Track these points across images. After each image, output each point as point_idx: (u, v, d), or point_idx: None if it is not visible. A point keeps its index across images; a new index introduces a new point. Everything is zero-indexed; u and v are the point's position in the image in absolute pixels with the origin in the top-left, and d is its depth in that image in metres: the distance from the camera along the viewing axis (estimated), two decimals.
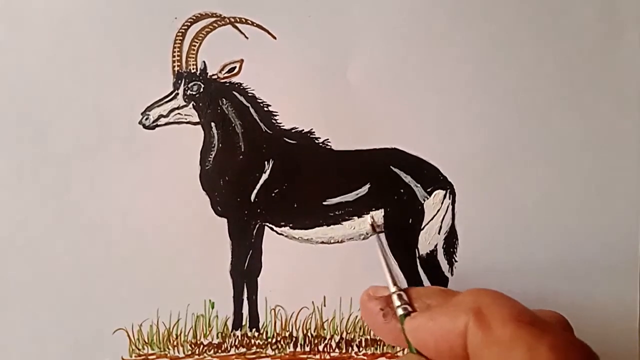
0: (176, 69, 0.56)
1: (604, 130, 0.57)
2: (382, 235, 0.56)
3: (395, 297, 0.46)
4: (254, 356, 0.57)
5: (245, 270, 0.57)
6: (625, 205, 0.58)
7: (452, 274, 0.57)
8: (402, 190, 0.57)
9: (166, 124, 0.56)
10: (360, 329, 0.57)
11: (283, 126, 0.57)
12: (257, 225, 0.57)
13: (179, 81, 0.56)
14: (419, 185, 0.57)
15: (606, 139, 0.57)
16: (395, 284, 0.48)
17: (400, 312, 0.45)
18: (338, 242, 0.57)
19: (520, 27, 0.57)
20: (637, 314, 0.57)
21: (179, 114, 0.56)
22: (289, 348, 0.58)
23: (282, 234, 0.57)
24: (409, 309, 0.45)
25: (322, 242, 0.57)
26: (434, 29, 0.57)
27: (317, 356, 0.58)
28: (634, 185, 0.57)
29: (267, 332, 0.57)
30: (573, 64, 0.57)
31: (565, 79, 0.57)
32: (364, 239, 0.57)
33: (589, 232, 0.58)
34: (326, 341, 0.58)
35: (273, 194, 0.57)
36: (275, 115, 0.56)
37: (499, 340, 0.38)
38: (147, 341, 0.57)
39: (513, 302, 0.41)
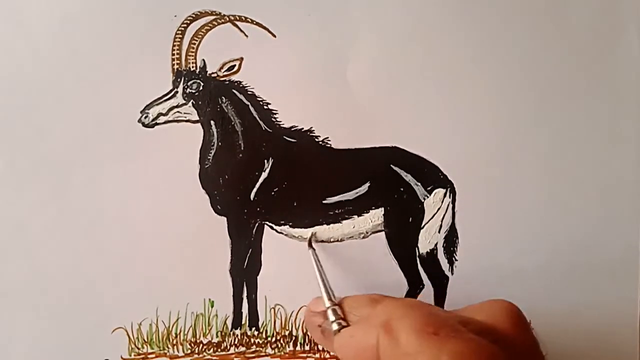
0: (175, 67, 0.56)
1: (604, 130, 0.57)
2: (316, 250, 0.56)
3: (329, 313, 0.47)
4: (253, 355, 0.57)
5: (245, 269, 0.57)
6: (625, 205, 0.58)
7: (452, 273, 0.57)
8: (402, 189, 0.57)
9: (165, 122, 0.56)
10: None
11: (283, 125, 0.57)
12: (257, 224, 0.57)
13: (179, 79, 0.56)
14: (419, 183, 0.57)
15: (606, 139, 0.57)
16: (330, 298, 0.48)
17: (333, 327, 0.46)
18: (338, 241, 0.57)
19: (520, 27, 0.57)
20: (637, 314, 0.57)
21: (178, 112, 0.56)
22: (289, 347, 0.57)
23: (282, 233, 0.57)
24: (343, 324, 0.46)
25: (322, 241, 0.57)
26: (434, 29, 0.57)
27: (317, 355, 0.57)
28: (633, 186, 0.57)
29: (266, 331, 0.57)
30: (573, 63, 0.57)
31: (565, 78, 0.57)
32: (363, 237, 0.57)
33: (589, 232, 0.58)
34: None
35: (273, 193, 0.57)
36: (275, 114, 0.56)
37: (405, 352, 0.38)
38: (146, 340, 0.57)
39: (423, 311, 0.41)
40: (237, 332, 0.57)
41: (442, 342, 0.37)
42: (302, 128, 0.57)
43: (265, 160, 0.57)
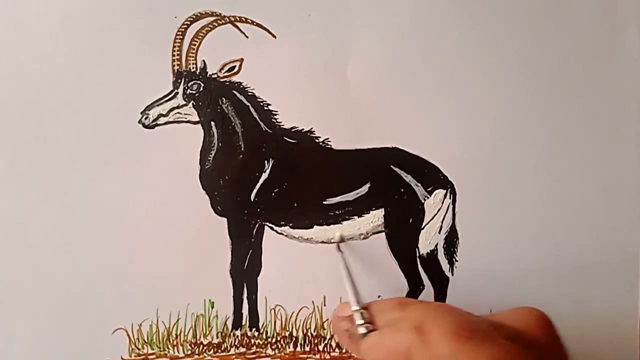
0: (176, 68, 0.56)
1: (604, 130, 0.57)
2: (345, 252, 0.56)
3: (356, 316, 0.47)
4: (253, 356, 0.57)
5: (245, 270, 0.57)
6: (626, 205, 0.58)
7: (452, 274, 0.57)
8: (402, 190, 0.57)
9: (166, 123, 0.56)
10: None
11: (283, 125, 0.57)
12: (257, 225, 0.57)
13: (179, 80, 0.56)
14: (419, 184, 0.57)
15: (606, 139, 0.57)
16: (357, 302, 0.48)
17: (360, 331, 0.46)
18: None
19: (520, 27, 0.57)
20: (637, 314, 0.57)
21: (178, 113, 0.56)
22: (289, 348, 0.58)
23: (282, 234, 0.57)
24: (370, 327, 0.45)
25: (322, 242, 0.57)
26: (434, 29, 0.57)
27: (317, 356, 0.57)
28: (633, 186, 0.57)
29: (267, 332, 0.57)
30: (573, 64, 0.57)
31: (565, 78, 0.57)
32: (364, 238, 0.57)
33: (589, 232, 0.58)
34: (326, 341, 0.57)
35: (273, 194, 0.57)
36: (275, 115, 0.56)
37: (439, 355, 0.38)
38: (146, 341, 0.57)
39: (456, 315, 0.41)
40: (238, 332, 0.57)
41: (476, 346, 0.38)
42: (303, 129, 0.56)
43: (266, 161, 0.57)
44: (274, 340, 0.57)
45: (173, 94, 0.56)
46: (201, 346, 0.57)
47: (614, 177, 0.58)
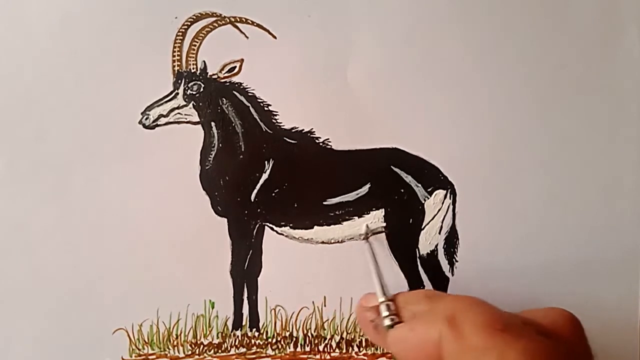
0: (176, 68, 0.56)
1: (604, 130, 0.57)
2: (373, 243, 0.56)
3: (382, 307, 0.47)
4: (254, 356, 0.57)
5: (246, 270, 0.57)
6: (626, 205, 0.58)
7: (452, 274, 0.57)
8: (402, 190, 0.57)
9: (166, 123, 0.56)
10: (360, 329, 0.57)
11: (283, 126, 0.57)
12: (257, 225, 0.57)
13: (179, 81, 0.56)
14: (419, 185, 0.57)
15: (606, 139, 0.57)
16: (383, 293, 0.48)
17: (386, 323, 0.46)
18: (338, 242, 0.57)
19: (520, 27, 0.57)
20: (637, 314, 0.57)
21: (179, 113, 0.56)
22: (289, 348, 0.58)
23: (282, 234, 0.57)
24: (396, 319, 0.45)
25: (322, 242, 0.57)
26: (434, 29, 0.57)
27: (318, 356, 0.57)
28: (634, 185, 0.57)
29: (267, 332, 0.57)
30: (573, 63, 0.57)
31: (565, 78, 0.57)
32: (364, 239, 0.57)
33: (589, 232, 0.58)
34: (326, 341, 0.57)
35: (273, 194, 0.57)
36: (276, 115, 0.56)
37: (472, 348, 0.38)
38: (147, 341, 0.57)
39: (488, 309, 0.41)
40: (238, 333, 0.57)
41: (509, 339, 0.37)
42: (303, 129, 0.56)
43: (266, 162, 0.57)
44: (274, 340, 0.57)
45: (173, 94, 0.56)
46: (201, 346, 0.57)
47: (614, 177, 0.57)
